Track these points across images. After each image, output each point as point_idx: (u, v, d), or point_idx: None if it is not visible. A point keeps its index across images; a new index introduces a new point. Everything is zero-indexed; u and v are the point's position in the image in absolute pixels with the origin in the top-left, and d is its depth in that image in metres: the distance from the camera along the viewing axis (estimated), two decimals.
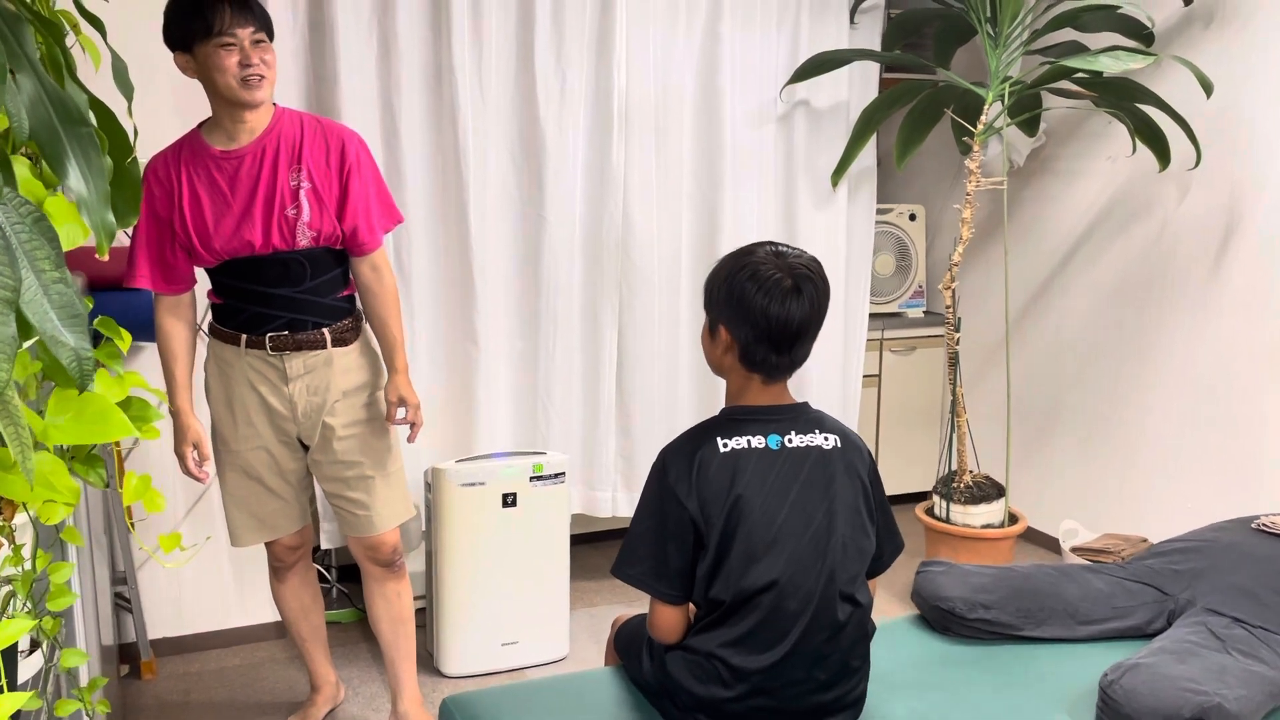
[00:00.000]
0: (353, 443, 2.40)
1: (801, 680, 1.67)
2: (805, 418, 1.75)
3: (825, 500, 1.69)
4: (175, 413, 2.36)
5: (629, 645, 1.94)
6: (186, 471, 2.36)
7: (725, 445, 1.68)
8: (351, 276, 2.40)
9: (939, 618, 2.17)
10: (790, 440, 1.70)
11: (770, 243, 1.71)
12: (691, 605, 1.76)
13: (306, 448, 2.43)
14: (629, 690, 1.90)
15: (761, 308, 1.63)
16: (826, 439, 1.73)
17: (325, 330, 2.35)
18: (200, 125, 2.29)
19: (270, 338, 2.32)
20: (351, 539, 2.51)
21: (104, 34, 1.54)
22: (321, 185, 2.27)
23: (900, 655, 2.08)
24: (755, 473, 1.66)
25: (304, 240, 2.27)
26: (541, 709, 1.85)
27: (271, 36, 2.21)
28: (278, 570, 2.58)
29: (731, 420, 1.72)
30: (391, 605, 2.57)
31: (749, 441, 1.69)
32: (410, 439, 2.50)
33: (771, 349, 1.67)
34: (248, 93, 2.16)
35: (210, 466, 2.40)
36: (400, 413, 2.43)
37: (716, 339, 1.72)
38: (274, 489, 2.44)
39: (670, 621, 1.74)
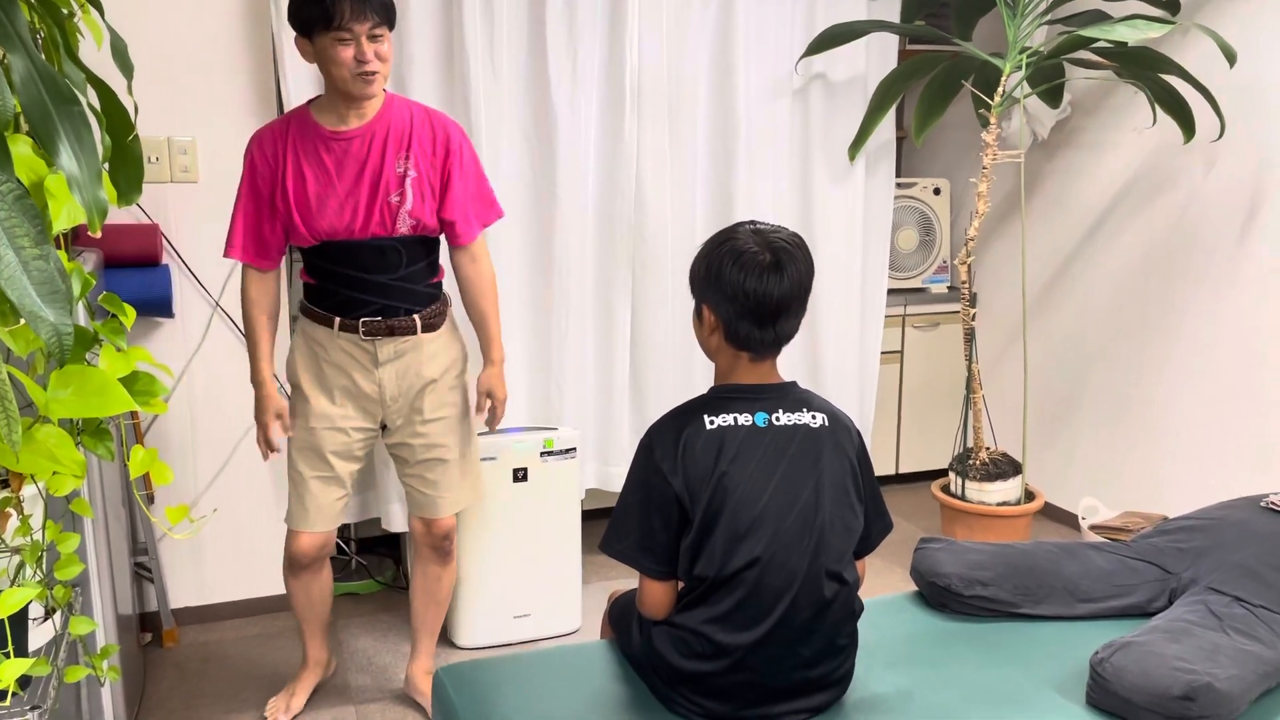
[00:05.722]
0: (439, 426, 2.45)
1: (785, 656, 1.68)
2: (793, 396, 1.75)
3: (812, 478, 1.69)
4: (258, 383, 2.41)
5: (620, 619, 1.96)
6: (266, 442, 2.40)
7: (712, 422, 1.69)
8: (451, 266, 2.47)
9: (936, 595, 2.17)
10: (778, 418, 1.71)
11: (751, 222, 1.73)
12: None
13: (384, 429, 2.47)
14: (619, 663, 1.92)
15: (739, 283, 1.64)
16: (814, 418, 1.73)
17: (416, 316, 2.39)
18: (310, 103, 2.33)
19: (364, 322, 2.35)
20: (413, 517, 2.56)
21: (102, 12, 1.57)
22: (426, 175, 2.32)
23: (893, 631, 2.07)
24: (741, 450, 1.67)
25: (403, 228, 2.32)
26: (532, 680, 1.88)
27: (392, 26, 2.23)
28: (294, 568, 2.53)
29: (719, 398, 1.73)
30: (430, 584, 2.63)
31: (735, 419, 1.69)
32: (489, 425, 2.58)
33: (754, 324, 1.67)
34: (359, 89, 2.21)
35: (282, 442, 2.46)
36: (487, 404, 2.52)
37: (703, 321, 1.73)
38: (340, 475, 2.43)
39: (658, 597, 1.75)
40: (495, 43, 3.07)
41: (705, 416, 1.70)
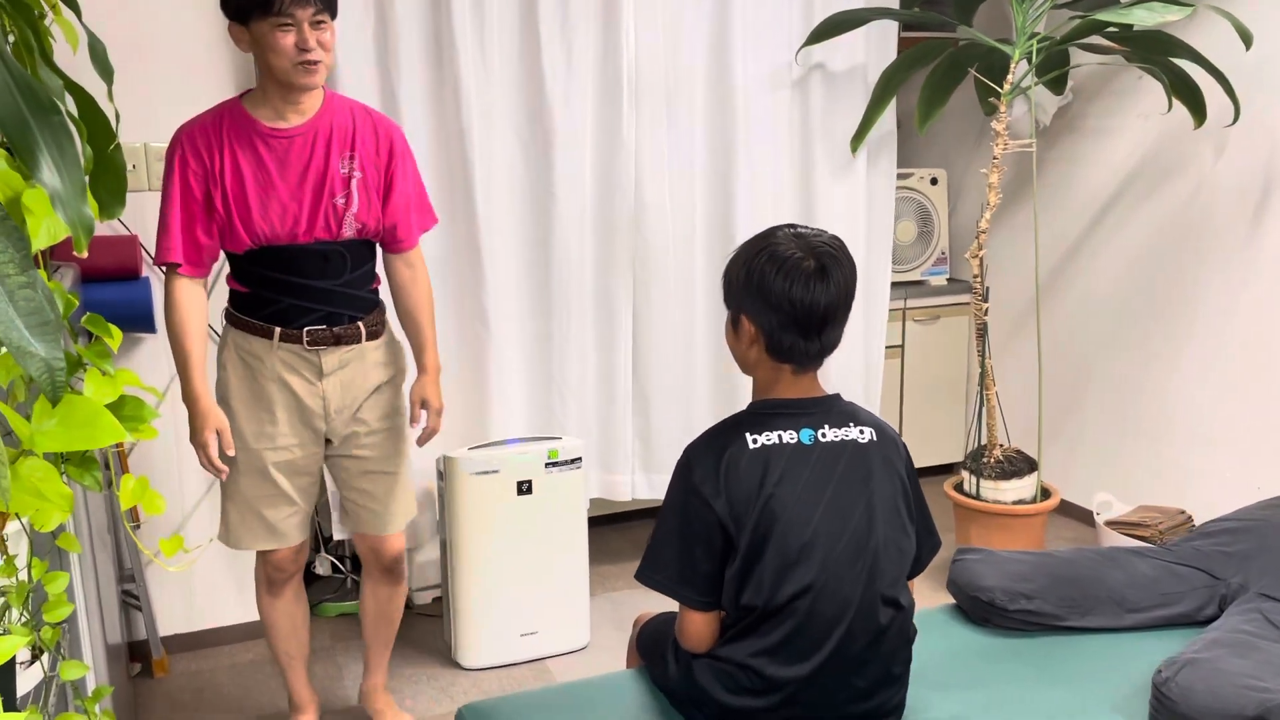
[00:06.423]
0: (379, 438, 2.34)
1: (839, 689, 1.58)
2: (838, 410, 1.64)
3: (863, 498, 1.58)
4: (193, 398, 2.17)
5: (652, 647, 1.84)
6: (208, 462, 2.18)
7: (755, 441, 1.58)
8: (386, 272, 2.35)
9: (977, 609, 2.07)
10: (824, 435, 1.60)
11: (790, 225, 1.61)
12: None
13: (327, 442, 2.33)
14: (653, 695, 1.80)
15: (784, 291, 1.53)
16: (862, 433, 1.62)
17: (361, 323, 2.27)
18: (242, 97, 2.17)
19: (308, 332, 2.21)
20: (357, 537, 2.44)
21: (79, 14, 1.44)
22: (371, 177, 2.20)
23: (938, 650, 1.97)
24: (788, 470, 1.56)
25: (349, 232, 2.19)
26: (562, 717, 1.76)
27: (334, 14, 2.09)
28: (274, 584, 2.40)
29: (760, 415, 1.62)
30: (380, 605, 2.52)
31: (780, 437, 1.58)
32: (419, 441, 2.44)
33: (799, 334, 1.57)
34: (301, 78, 2.06)
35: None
36: (423, 415, 2.40)
37: (740, 332, 1.62)
38: (288, 493, 2.29)
39: (700, 629, 1.64)
40: (486, 35, 2.94)
41: (747, 435, 1.58)
